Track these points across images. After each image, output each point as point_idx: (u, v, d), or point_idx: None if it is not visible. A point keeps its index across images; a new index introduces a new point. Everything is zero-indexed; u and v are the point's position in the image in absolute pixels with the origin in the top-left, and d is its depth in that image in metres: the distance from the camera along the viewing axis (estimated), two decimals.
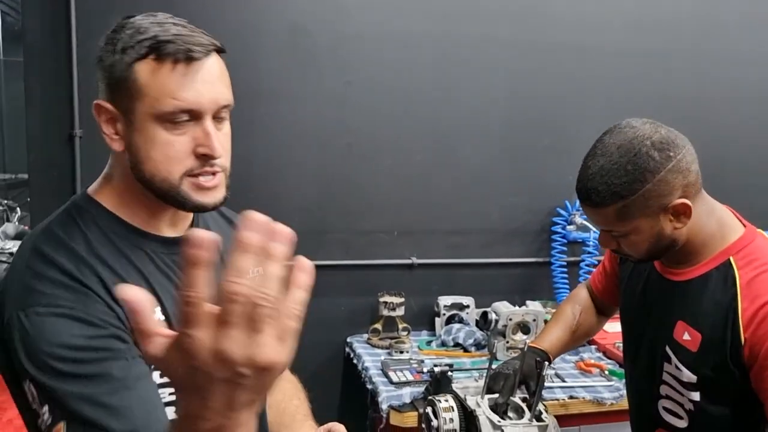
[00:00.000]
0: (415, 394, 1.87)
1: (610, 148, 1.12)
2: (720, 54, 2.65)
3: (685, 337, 1.17)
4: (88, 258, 0.88)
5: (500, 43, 2.45)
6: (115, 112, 0.89)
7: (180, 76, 0.86)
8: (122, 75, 0.87)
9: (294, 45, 2.29)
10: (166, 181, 0.89)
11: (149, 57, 0.86)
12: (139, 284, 0.88)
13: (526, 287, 2.57)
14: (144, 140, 0.88)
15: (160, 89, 0.86)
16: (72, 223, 0.92)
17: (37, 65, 2.10)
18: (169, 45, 0.85)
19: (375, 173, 2.41)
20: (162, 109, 0.86)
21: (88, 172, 2.13)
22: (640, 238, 1.15)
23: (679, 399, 1.22)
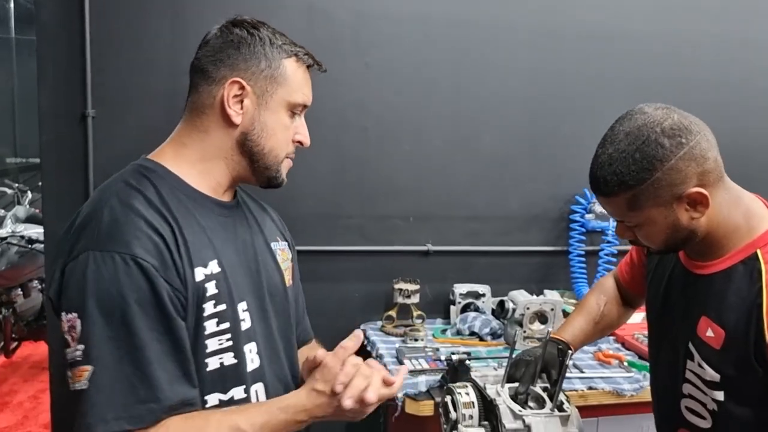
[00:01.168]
0: (431, 382, 1.84)
1: (618, 136, 1.08)
2: (748, 39, 2.59)
3: (708, 333, 1.13)
4: (163, 210, 0.99)
5: (522, 28, 2.40)
6: (250, 91, 1.05)
7: (306, 79, 1.12)
8: (271, 64, 1.06)
9: (312, 25, 2.24)
10: (277, 157, 1.09)
11: (292, 57, 1.09)
12: (200, 235, 1.02)
13: (544, 276, 2.53)
14: (275, 120, 1.08)
15: (298, 83, 1.09)
16: (142, 177, 1.02)
17: (49, 44, 2.07)
18: (305, 55, 1.11)
19: (392, 158, 2.37)
20: (295, 99, 1.09)
21: (101, 153, 2.10)
22: (655, 228, 1.10)
23: (702, 398, 1.17)
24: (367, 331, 2.30)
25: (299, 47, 1.11)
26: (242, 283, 1.06)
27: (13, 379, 3.99)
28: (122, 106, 2.12)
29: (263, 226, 1.20)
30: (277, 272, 1.18)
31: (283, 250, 1.22)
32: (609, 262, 2.44)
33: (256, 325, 1.07)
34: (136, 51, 2.11)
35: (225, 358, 1.02)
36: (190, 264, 0.98)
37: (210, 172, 1.08)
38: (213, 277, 1.00)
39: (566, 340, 1.41)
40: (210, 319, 1.00)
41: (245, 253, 1.11)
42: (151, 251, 0.94)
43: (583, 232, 2.48)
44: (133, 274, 0.92)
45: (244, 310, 1.05)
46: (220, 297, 1.01)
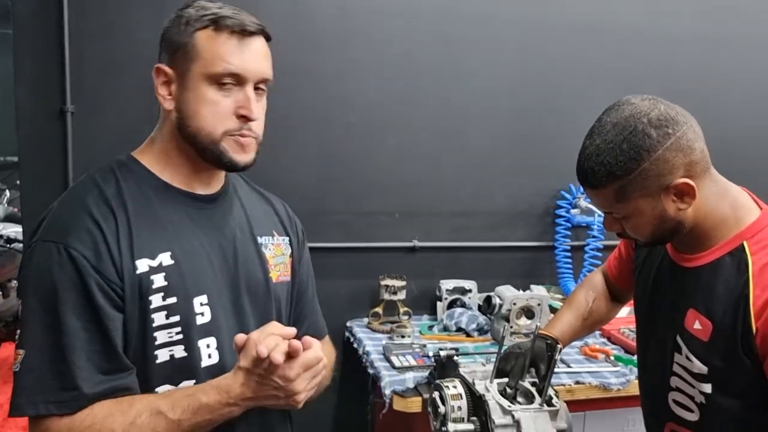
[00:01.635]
0: (418, 378, 1.83)
1: (606, 127, 1.07)
2: (733, 37, 2.61)
3: (696, 326, 1.12)
4: (113, 202, 1.01)
5: (508, 23, 2.39)
6: (172, 74, 1.03)
7: (232, 46, 1.02)
8: (183, 41, 1.02)
9: (295, 20, 2.22)
10: (209, 135, 1.03)
11: (209, 27, 1.02)
12: (155, 228, 1.02)
13: (530, 271, 2.52)
14: (194, 98, 1.02)
15: (215, 53, 1.01)
16: (110, 172, 1.05)
17: (26, 38, 2.02)
18: (227, 19, 1.02)
19: (376, 153, 2.35)
20: (213, 70, 1.01)
21: (80, 148, 2.06)
22: (643, 220, 1.10)
23: (689, 391, 1.17)
24: (354, 328, 2.28)
25: (224, 15, 1.03)
26: (206, 277, 1.05)
27: None
28: (102, 102, 2.08)
29: (252, 218, 1.18)
30: (260, 267, 1.15)
31: (278, 245, 1.20)
32: (595, 257, 2.44)
33: (221, 319, 1.06)
34: (115, 45, 2.07)
35: (175, 350, 1.02)
36: (131, 256, 0.99)
37: (173, 164, 1.08)
38: (161, 270, 1.00)
39: (555, 336, 1.41)
40: (158, 311, 1.00)
41: (220, 247, 1.09)
42: (86, 243, 0.96)
43: (568, 227, 2.48)
44: (64, 263, 0.94)
45: (203, 303, 1.04)
46: (170, 290, 1.00)
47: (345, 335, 2.32)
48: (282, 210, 1.27)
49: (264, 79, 1.07)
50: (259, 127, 1.08)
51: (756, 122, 2.69)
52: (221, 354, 1.05)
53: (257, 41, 1.05)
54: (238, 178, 1.22)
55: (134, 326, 0.99)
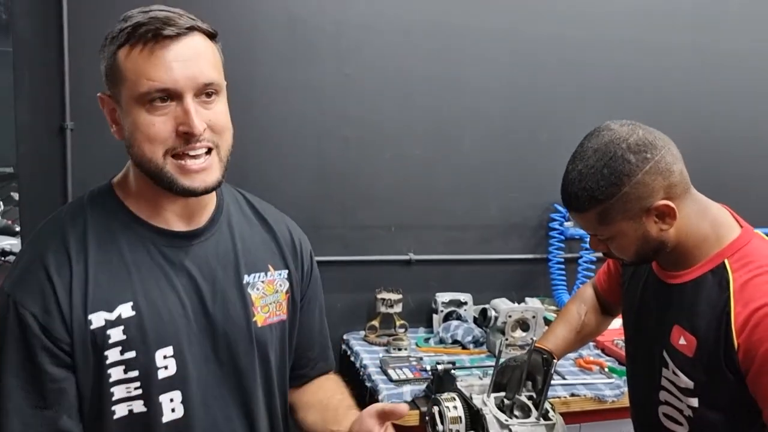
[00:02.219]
0: (416, 392, 1.85)
1: (587, 153, 1.11)
2: (722, 50, 2.65)
3: (681, 341, 1.16)
4: (72, 250, 0.93)
5: (500, 37, 2.43)
6: (112, 101, 0.94)
7: (152, 57, 0.88)
8: (110, 64, 0.91)
9: (291, 36, 2.24)
10: (151, 161, 0.91)
11: (127, 43, 0.89)
12: (118, 275, 0.94)
13: (524, 284, 2.55)
14: (131, 123, 0.91)
15: (136, 71, 0.88)
16: (80, 209, 0.98)
17: (26, 55, 2.03)
18: (141, 28, 0.87)
19: (372, 167, 2.37)
20: (139, 91, 0.88)
21: (79, 165, 2.07)
22: (626, 241, 1.13)
23: (678, 405, 1.20)
24: (351, 342, 2.30)
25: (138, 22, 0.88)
26: (174, 326, 0.96)
27: None
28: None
29: (243, 253, 1.05)
30: (241, 311, 1.04)
31: (270, 281, 1.08)
32: (588, 269, 2.47)
33: (189, 371, 0.98)
34: None
35: (134, 405, 0.95)
36: (84, 310, 0.91)
37: (144, 194, 0.98)
38: (120, 323, 0.93)
39: (549, 349, 1.43)
40: (115, 366, 0.93)
41: (196, 290, 0.99)
42: (36, 298, 0.90)
43: (562, 239, 2.51)
44: (11, 319, 0.90)
45: (167, 356, 0.95)
46: (129, 343, 0.93)
47: (342, 348, 2.33)
48: (286, 237, 1.14)
49: (205, 84, 0.91)
50: (216, 136, 0.94)
51: (748, 134, 2.73)
52: (187, 407, 0.98)
53: (185, 44, 0.89)
54: (239, 201, 1.12)
55: (88, 382, 0.93)
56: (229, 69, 1.00)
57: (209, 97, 0.93)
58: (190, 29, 0.90)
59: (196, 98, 0.91)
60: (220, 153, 0.95)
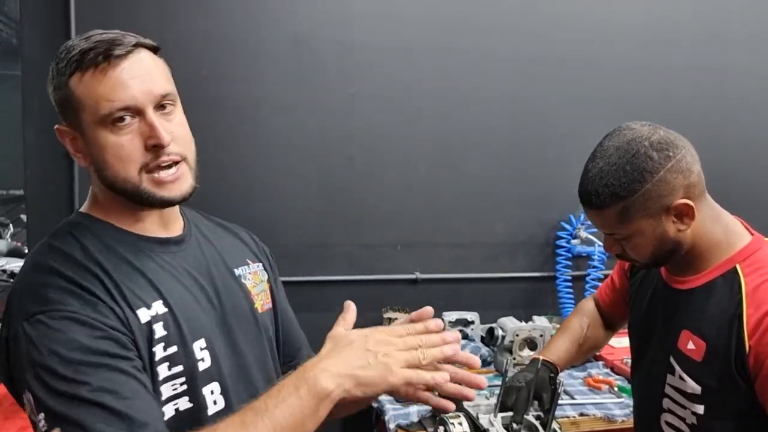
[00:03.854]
0: (422, 412, 1.83)
1: (608, 151, 1.12)
2: (723, 66, 2.66)
3: (689, 346, 1.15)
4: (86, 263, 0.91)
5: (505, 57, 2.45)
6: (70, 131, 0.94)
7: (107, 78, 0.89)
8: (63, 94, 0.91)
9: (296, 57, 2.27)
10: (127, 181, 0.92)
11: (77, 71, 0.90)
12: (137, 277, 0.93)
13: (531, 302, 2.54)
14: (97, 148, 0.91)
15: (93, 95, 0.89)
16: (67, 234, 0.95)
17: (35, 78, 2.07)
18: (89, 53, 0.89)
19: (378, 186, 2.38)
20: (100, 113, 0.89)
21: (86, 187, 2.07)
22: (643, 240, 1.13)
23: (681, 413, 1.18)
24: None
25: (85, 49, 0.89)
26: (199, 320, 0.98)
27: None
28: None
29: (223, 252, 1.09)
30: (244, 300, 1.08)
31: (255, 273, 1.13)
32: (595, 286, 2.45)
33: (221, 362, 0.99)
34: None
35: (180, 403, 0.93)
36: (130, 307, 0.89)
37: (121, 211, 0.98)
38: (160, 318, 0.92)
39: (552, 360, 1.42)
40: (161, 363, 0.91)
41: (200, 287, 1.01)
42: (79, 304, 0.86)
43: (569, 257, 2.50)
44: (62, 328, 0.84)
45: (202, 348, 0.96)
46: (170, 339, 0.92)
47: None
48: (247, 237, 1.20)
49: (162, 96, 0.92)
50: (182, 147, 0.95)
51: (752, 149, 2.72)
52: (226, 398, 0.98)
53: (135, 59, 0.91)
54: (195, 214, 1.14)
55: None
56: (235, 90, 1.01)
57: (166, 108, 0.94)
58: (136, 46, 0.92)
59: (156, 111, 0.92)
60: (188, 162, 0.97)
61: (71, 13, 2.05)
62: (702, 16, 2.64)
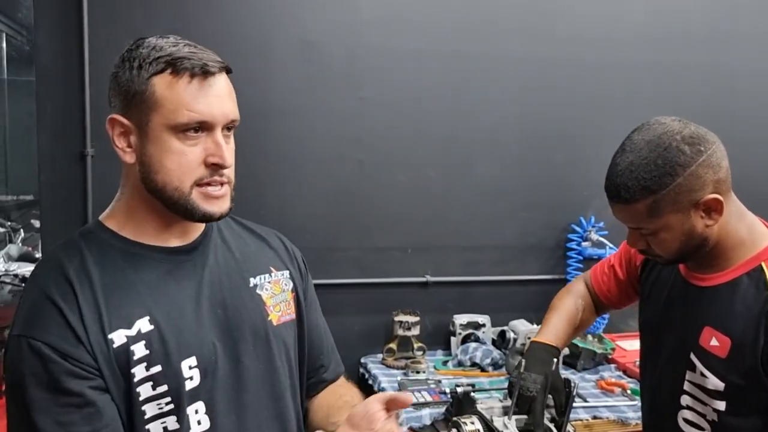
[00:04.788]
0: (435, 415, 1.83)
1: (639, 144, 1.12)
2: (737, 67, 2.65)
3: (712, 342, 1.15)
4: (74, 279, 0.92)
5: (514, 59, 2.45)
6: (129, 125, 0.93)
7: (195, 90, 0.91)
8: (139, 89, 0.92)
9: (306, 61, 2.28)
10: (177, 190, 0.93)
11: (166, 72, 0.91)
12: (128, 293, 0.94)
13: (542, 305, 2.48)
14: (158, 150, 0.92)
15: (176, 101, 0.91)
16: (74, 245, 0.97)
17: (49, 84, 2.08)
18: (185, 61, 0.91)
19: (388, 189, 2.38)
20: (177, 120, 0.91)
21: (100, 192, 2.10)
22: (671, 235, 1.13)
23: (701, 410, 1.18)
24: (368, 365, 2.29)
25: (183, 54, 0.92)
26: (193, 335, 0.96)
27: None
28: None
29: (243, 259, 1.08)
30: (256, 312, 1.05)
31: (276, 281, 1.09)
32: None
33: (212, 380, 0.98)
34: None
35: (168, 422, 0.93)
36: (102, 331, 0.90)
37: (141, 220, 0.98)
38: (141, 338, 0.92)
39: (553, 344, 1.40)
40: (143, 383, 0.91)
41: (207, 298, 1.00)
42: (50, 330, 0.88)
43: (580, 259, 2.49)
44: (28, 356, 0.88)
45: (192, 366, 0.95)
46: (153, 358, 0.92)
47: (360, 372, 2.32)
48: (277, 243, 1.17)
49: (231, 120, 0.96)
50: (231, 173, 0.98)
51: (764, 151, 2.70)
52: (212, 417, 0.97)
53: (220, 80, 0.94)
54: (226, 221, 1.12)
55: (119, 403, 0.91)
56: (244, 94, 1.03)
57: (229, 132, 0.97)
58: (224, 68, 0.95)
59: (221, 132, 0.95)
60: (231, 186, 0.99)
61: (84, 19, 2.07)
62: (713, 16, 2.63)
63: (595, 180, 2.53)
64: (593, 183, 2.59)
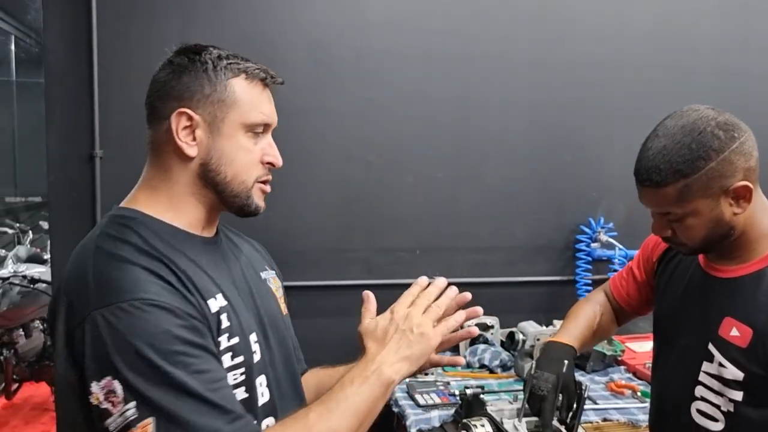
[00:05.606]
0: (444, 417, 1.82)
1: (672, 129, 1.13)
2: (746, 69, 2.63)
3: (732, 333, 1.15)
4: (152, 251, 0.94)
5: (523, 61, 2.44)
6: (199, 119, 0.99)
7: (265, 95, 1.04)
8: (217, 88, 1.00)
9: (315, 62, 2.28)
10: (243, 183, 1.02)
11: (241, 76, 1.02)
12: (197, 270, 0.97)
13: (551, 306, 2.52)
14: (231, 145, 1.01)
15: (252, 103, 1.02)
16: (121, 226, 0.97)
17: (58, 86, 2.10)
18: (258, 70, 1.04)
19: (396, 191, 2.38)
20: (252, 120, 1.01)
21: (108, 192, 2.11)
22: (698, 222, 1.13)
23: (716, 400, 1.18)
24: None
25: (250, 63, 1.03)
26: (248, 315, 1.03)
27: (14, 421, 3.93)
28: (129, 147, 2.12)
29: (249, 257, 1.15)
30: (274, 301, 1.14)
31: (274, 278, 1.18)
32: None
33: (265, 356, 1.04)
34: (142, 93, 2.10)
35: (238, 393, 0.96)
36: (202, 297, 0.93)
37: (184, 211, 1.02)
38: (224, 309, 0.96)
39: (570, 343, 1.39)
40: (225, 352, 0.95)
41: (240, 286, 1.06)
42: (160, 293, 0.89)
43: (589, 261, 2.48)
44: (146, 316, 0.86)
45: (255, 341, 1.01)
46: (233, 329, 0.97)
47: None
48: (259, 246, 1.25)
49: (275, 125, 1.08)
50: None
51: None
52: (270, 390, 1.03)
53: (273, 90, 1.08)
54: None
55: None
56: None
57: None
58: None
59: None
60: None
61: (93, 21, 2.08)
62: (722, 19, 2.61)
63: (603, 181, 2.56)
64: (602, 184, 2.60)
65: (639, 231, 2.50)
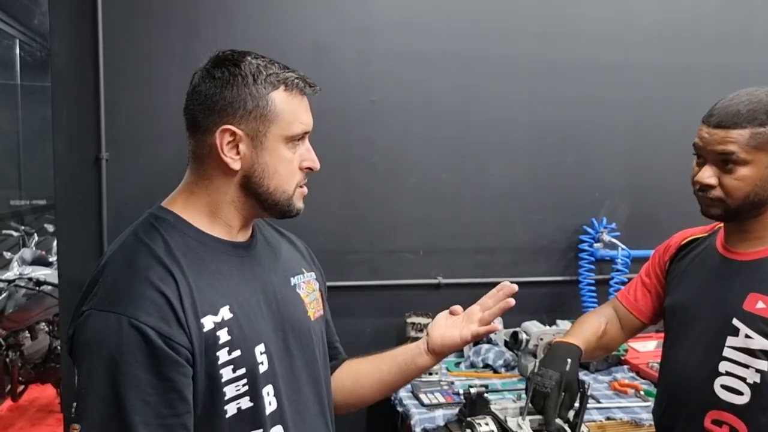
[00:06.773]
0: (448, 416, 1.83)
1: (754, 91, 1.24)
2: (749, 70, 2.63)
3: (758, 305, 1.21)
4: (167, 261, 0.98)
5: (525, 62, 2.45)
6: (242, 135, 1.01)
7: (303, 105, 1.06)
8: (258, 103, 1.01)
9: (318, 64, 2.29)
10: (285, 192, 1.06)
11: (280, 88, 1.03)
12: (211, 282, 1.01)
13: (554, 306, 2.53)
14: (274, 158, 1.04)
15: (293, 115, 1.04)
16: (152, 228, 1.02)
17: (64, 89, 2.11)
18: (295, 80, 1.04)
19: (400, 192, 2.39)
20: (293, 132, 1.04)
21: (115, 195, 2.13)
22: (751, 174, 1.20)
23: (742, 373, 1.22)
24: None
25: (288, 72, 1.04)
26: (260, 325, 1.05)
27: (20, 423, 3.95)
28: (135, 149, 2.15)
29: (282, 260, 1.17)
30: (299, 307, 1.15)
31: (308, 281, 1.20)
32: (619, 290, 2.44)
33: (276, 366, 1.06)
34: (148, 95, 2.15)
35: (242, 402, 1.01)
36: (196, 316, 0.96)
37: (220, 217, 1.06)
38: (224, 324, 0.99)
39: (576, 343, 1.41)
40: (225, 366, 0.99)
41: (264, 292, 1.08)
42: (150, 311, 0.93)
43: (592, 261, 2.49)
44: (126, 336, 0.91)
45: (262, 352, 1.04)
46: (234, 343, 1.00)
47: None
48: (302, 246, 1.27)
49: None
50: None
51: None
52: (279, 399, 1.06)
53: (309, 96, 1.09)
54: (259, 221, 1.20)
55: (202, 385, 0.97)
56: None
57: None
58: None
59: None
60: None
61: (99, 24, 2.09)
62: (725, 19, 2.62)
63: (606, 182, 2.57)
64: (605, 185, 2.61)
65: (642, 231, 2.52)
